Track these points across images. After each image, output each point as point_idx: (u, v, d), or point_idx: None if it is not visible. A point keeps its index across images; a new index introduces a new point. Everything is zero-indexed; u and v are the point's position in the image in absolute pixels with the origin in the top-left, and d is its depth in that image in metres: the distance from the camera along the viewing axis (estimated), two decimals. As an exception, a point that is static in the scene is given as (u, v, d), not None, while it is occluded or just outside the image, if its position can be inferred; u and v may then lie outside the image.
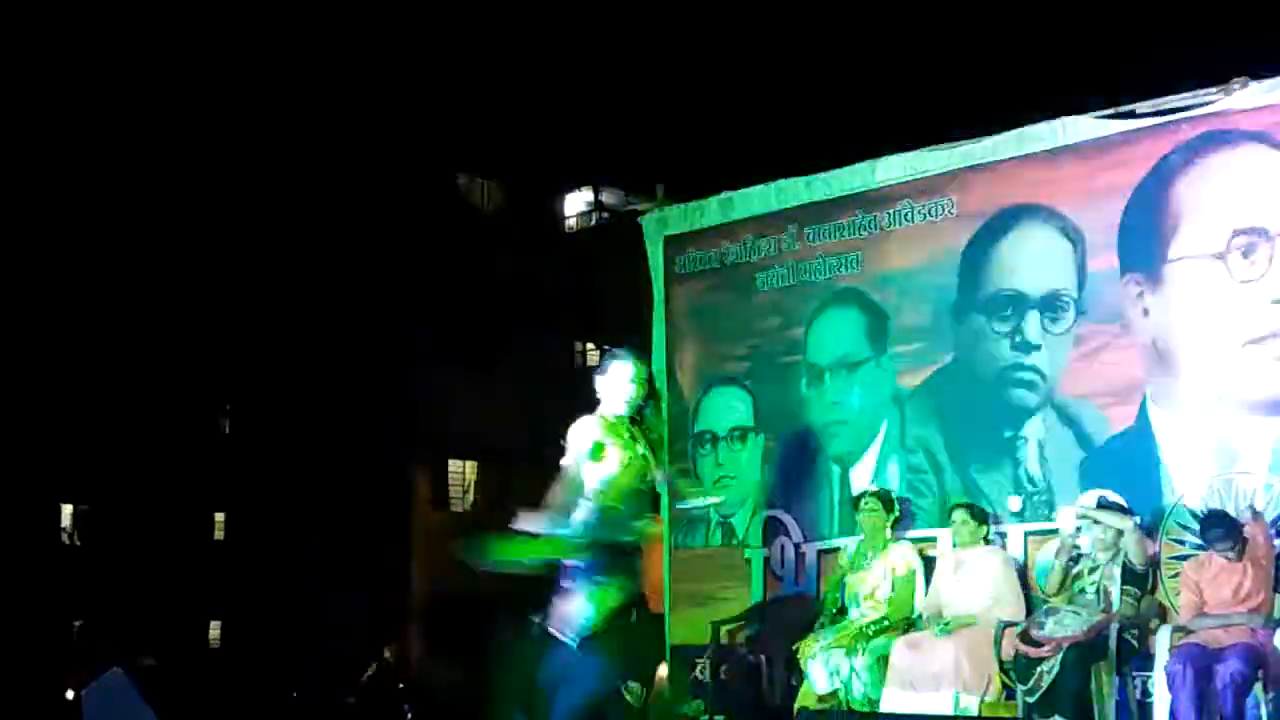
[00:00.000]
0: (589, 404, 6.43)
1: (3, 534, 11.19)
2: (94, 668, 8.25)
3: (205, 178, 12.60)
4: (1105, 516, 7.61)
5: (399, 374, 13.66)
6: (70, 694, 7.58)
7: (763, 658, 9.03)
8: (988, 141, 8.96)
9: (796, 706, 8.22)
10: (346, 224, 13.32)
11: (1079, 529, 7.65)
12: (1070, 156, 8.59)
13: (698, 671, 9.81)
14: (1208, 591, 7.18)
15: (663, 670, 6.63)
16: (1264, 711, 6.62)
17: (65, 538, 13.53)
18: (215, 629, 13.52)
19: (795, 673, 8.50)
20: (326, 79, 13.38)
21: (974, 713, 7.52)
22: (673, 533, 10.37)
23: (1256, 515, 7.40)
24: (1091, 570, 7.59)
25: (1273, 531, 7.44)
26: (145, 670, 7.56)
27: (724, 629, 9.51)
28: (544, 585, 6.20)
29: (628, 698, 6.19)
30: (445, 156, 14.52)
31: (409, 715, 9.98)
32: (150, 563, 12.08)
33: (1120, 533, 7.58)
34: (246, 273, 12.97)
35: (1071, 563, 7.71)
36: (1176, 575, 7.56)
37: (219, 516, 13.85)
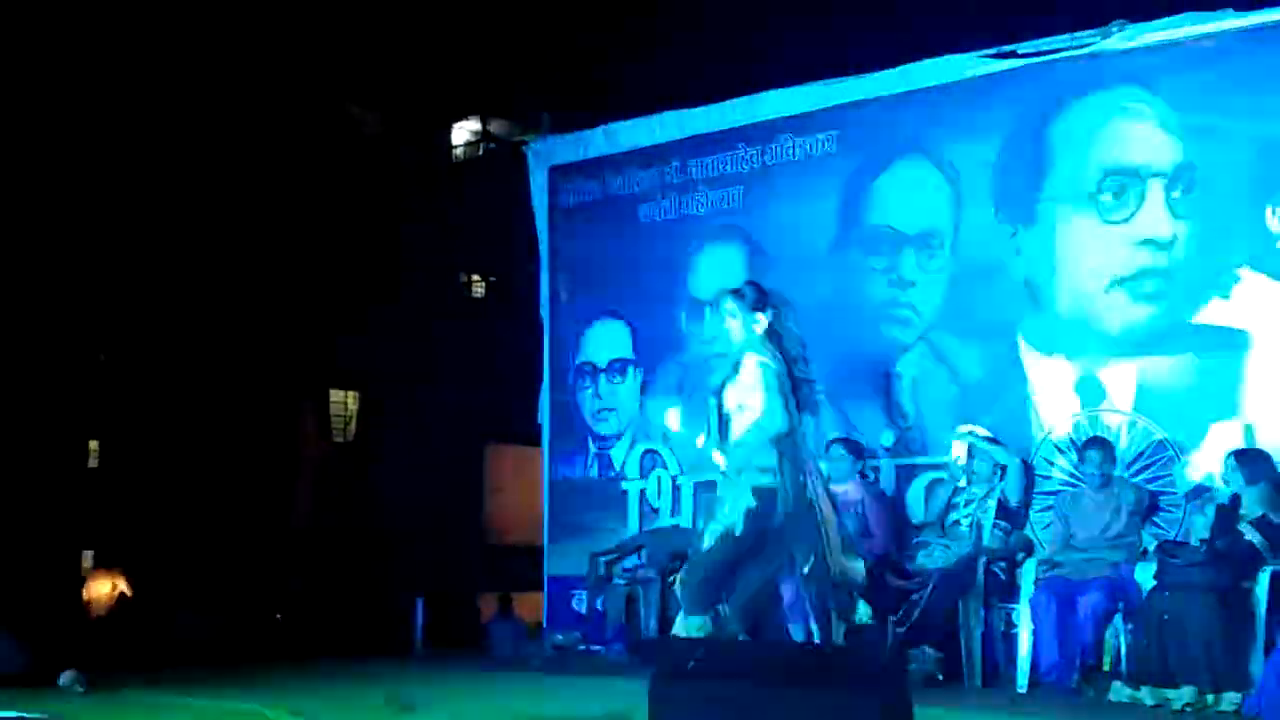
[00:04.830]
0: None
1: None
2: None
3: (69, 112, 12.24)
4: (994, 451, 7.74)
5: (281, 304, 13.47)
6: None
7: (639, 589, 9.11)
8: (869, 79, 9.00)
9: (672, 636, 8.28)
10: (230, 154, 13.05)
11: (972, 458, 7.75)
12: (949, 95, 8.66)
13: (574, 603, 9.89)
14: (1076, 525, 7.34)
15: None
16: (1122, 641, 6.79)
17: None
18: (88, 559, 13.37)
19: (671, 604, 8.56)
20: (204, 10, 13.03)
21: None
22: (551, 464, 10.41)
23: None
24: (966, 504, 7.72)
25: (1137, 468, 7.63)
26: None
27: (601, 560, 9.56)
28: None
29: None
30: (331, 87, 14.28)
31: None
32: (23, 489, 11.86)
33: (999, 468, 7.71)
34: (126, 201, 12.67)
35: (956, 495, 7.83)
36: (1045, 510, 7.72)
37: (93, 445, 13.61)
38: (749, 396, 6.24)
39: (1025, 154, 8.30)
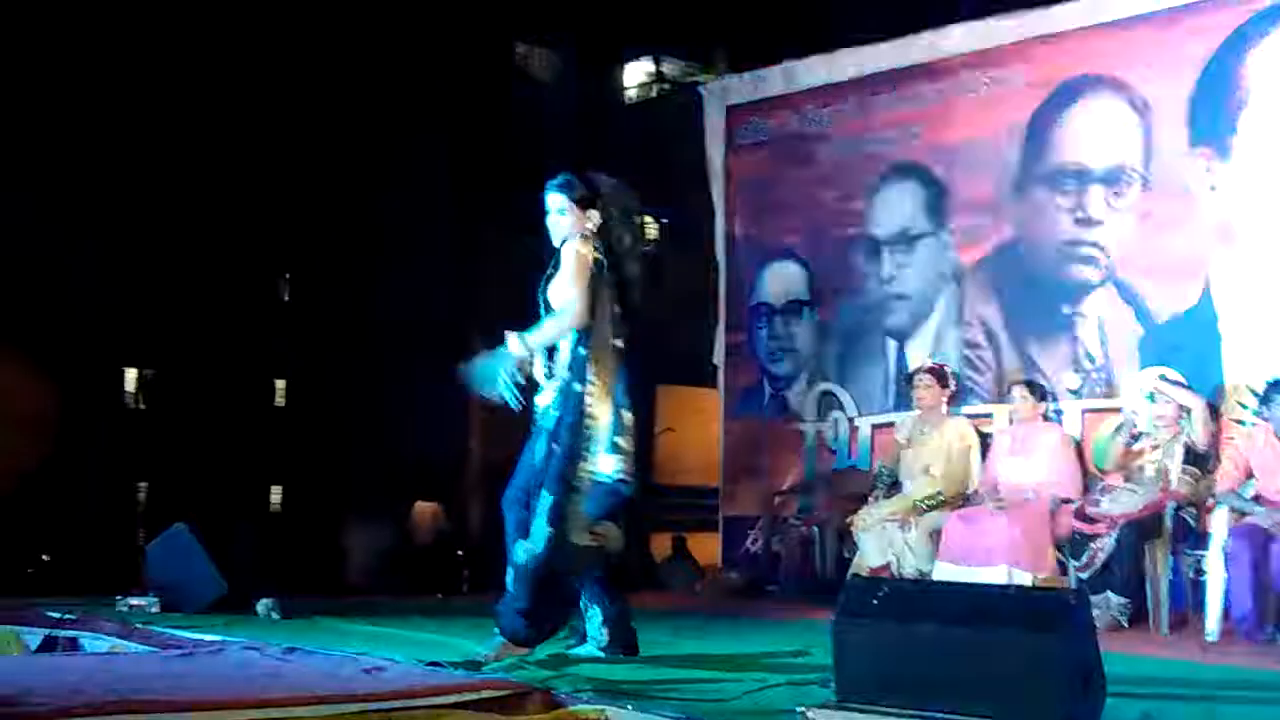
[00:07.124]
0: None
1: (70, 397, 11.41)
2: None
3: (250, 44, 12.50)
4: (1175, 392, 7.51)
5: (457, 241, 13.67)
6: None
7: (815, 530, 9.10)
8: (1056, 11, 8.77)
9: (848, 578, 8.24)
10: (403, 94, 13.22)
11: (1158, 402, 7.54)
12: (1141, 26, 8.40)
13: (750, 542, 9.91)
14: (1257, 468, 7.08)
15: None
16: (1320, 594, 6.56)
17: (129, 401, 13.78)
18: (277, 494, 13.77)
19: (848, 545, 8.55)
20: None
21: (1026, 588, 7.52)
22: (727, 405, 10.41)
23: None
24: (1153, 448, 7.52)
25: (1335, 413, 7.33)
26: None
27: (777, 500, 9.56)
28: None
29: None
30: (503, 25, 14.37)
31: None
32: (213, 428, 12.28)
33: (1185, 411, 7.49)
34: (301, 140, 12.93)
35: (1132, 440, 7.64)
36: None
37: (279, 383, 14.01)
38: (562, 289, 5.55)
39: (1221, 86, 8.01)
